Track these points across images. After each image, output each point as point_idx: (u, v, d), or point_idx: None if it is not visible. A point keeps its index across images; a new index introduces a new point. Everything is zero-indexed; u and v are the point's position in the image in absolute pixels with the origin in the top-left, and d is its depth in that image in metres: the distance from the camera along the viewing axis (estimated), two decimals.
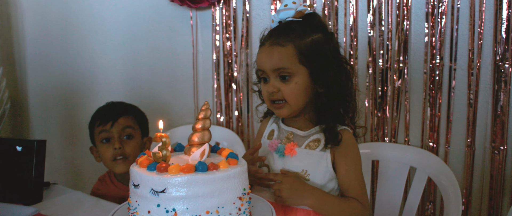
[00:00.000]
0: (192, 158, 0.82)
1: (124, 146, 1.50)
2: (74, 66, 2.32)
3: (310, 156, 1.16)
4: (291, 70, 1.11)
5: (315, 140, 1.17)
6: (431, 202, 1.59)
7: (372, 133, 1.66)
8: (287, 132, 1.22)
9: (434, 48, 1.53)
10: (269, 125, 1.30)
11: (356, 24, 1.64)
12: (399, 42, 1.57)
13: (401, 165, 1.54)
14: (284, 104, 1.14)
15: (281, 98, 1.14)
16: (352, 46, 1.65)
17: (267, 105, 1.21)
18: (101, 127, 1.52)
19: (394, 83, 1.60)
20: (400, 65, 1.58)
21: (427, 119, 1.57)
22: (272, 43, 1.13)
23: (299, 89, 1.12)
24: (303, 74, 1.12)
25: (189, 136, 0.89)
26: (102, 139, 1.52)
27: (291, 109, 1.15)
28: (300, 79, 1.12)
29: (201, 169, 0.78)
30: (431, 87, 1.55)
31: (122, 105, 1.63)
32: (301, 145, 1.18)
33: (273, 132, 1.26)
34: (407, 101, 1.60)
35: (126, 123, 1.53)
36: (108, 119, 1.52)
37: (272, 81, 1.14)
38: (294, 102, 1.14)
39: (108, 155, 1.51)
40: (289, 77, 1.12)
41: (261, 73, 1.17)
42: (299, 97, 1.13)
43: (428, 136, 1.58)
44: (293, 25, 1.14)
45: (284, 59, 1.11)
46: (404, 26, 1.56)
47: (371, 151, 1.60)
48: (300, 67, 1.12)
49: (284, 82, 1.13)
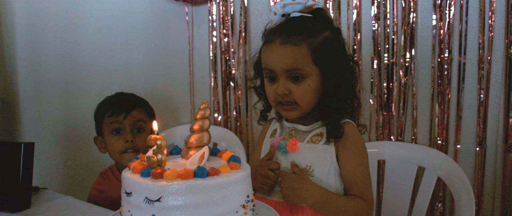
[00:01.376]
0: (190, 162, 0.74)
1: (135, 139, 1.46)
2: (66, 65, 2.24)
3: (313, 151, 1.10)
4: (305, 71, 1.05)
5: (318, 134, 1.11)
6: (440, 202, 1.52)
7: (377, 132, 1.58)
8: (289, 128, 1.16)
9: (442, 42, 1.46)
10: (272, 126, 1.24)
11: (359, 18, 1.56)
12: (405, 36, 1.50)
13: (409, 165, 1.47)
14: (295, 106, 1.08)
15: (292, 100, 1.07)
16: (355, 41, 1.57)
17: (272, 106, 1.14)
18: (113, 118, 1.47)
19: (400, 79, 1.53)
20: (406, 60, 1.51)
21: (436, 116, 1.50)
22: (284, 42, 1.05)
23: (312, 90, 1.07)
24: (316, 75, 1.07)
25: (187, 138, 0.81)
26: (113, 130, 1.47)
27: (302, 112, 1.09)
28: (313, 80, 1.06)
29: (200, 175, 0.70)
30: (440, 83, 1.48)
31: (134, 97, 1.58)
32: (304, 140, 1.12)
33: (275, 131, 1.21)
34: (414, 98, 1.53)
35: (139, 116, 1.49)
36: (121, 110, 1.47)
37: (283, 82, 1.07)
38: (306, 105, 1.08)
39: (118, 147, 1.46)
40: (301, 78, 1.06)
41: (268, 72, 1.10)
42: (310, 99, 1.08)
43: (437, 134, 1.51)
44: (305, 22, 1.06)
45: (299, 60, 1.04)
46: (410, 19, 1.49)
47: (377, 150, 1.53)
48: (313, 68, 1.06)
49: (295, 83, 1.06)
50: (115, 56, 2.10)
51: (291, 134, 1.14)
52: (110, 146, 1.48)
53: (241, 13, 1.76)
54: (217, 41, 1.84)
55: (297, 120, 1.15)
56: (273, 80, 1.09)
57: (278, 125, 1.21)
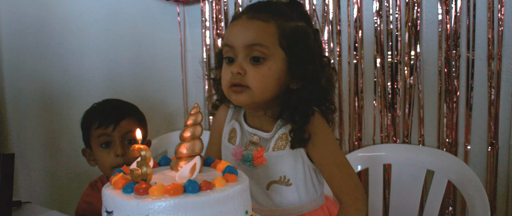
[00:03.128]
0: (180, 175, 0.65)
1: (127, 152, 1.33)
2: (53, 71, 2.17)
3: (282, 159, 1.00)
4: (268, 51, 0.93)
5: (282, 137, 1.00)
6: (451, 206, 1.44)
7: (382, 134, 1.50)
8: (251, 134, 1.04)
9: (449, 37, 1.38)
10: (228, 121, 1.11)
11: (361, 14, 1.48)
12: (410, 32, 1.42)
13: (417, 168, 1.39)
14: (245, 89, 0.94)
15: (245, 84, 0.94)
16: (357, 39, 1.49)
17: (224, 91, 1.00)
18: (101, 130, 1.34)
19: (405, 77, 1.45)
20: (411, 57, 1.43)
21: (444, 116, 1.42)
22: (251, 17, 0.95)
23: (271, 76, 0.94)
24: (279, 60, 0.94)
25: (176, 147, 0.72)
26: (102, 143, 1.35)
27: (252, 98, 0.95)
28: (275, 64, 0.94)
29: (191, 190, 0.61)
30: (447, 81, 1.40)
31: (122, 105, 1.45)
32: (268, 148, 1.00)
33: (235, 133, 1.07)
34: (420, 97, 1.44)
35: (129, 127, 1.35)
36: (109, 121, 1.34)
37: (240, 61, 0.94)
38: (260, 91, 0.94)
39: (108, 161, 1.34)
40: (262, 60, 0.93)
41: (227, 51, 0.97)
42: (267, 85, 0.94)
43: (445, 135, 1.42)
44: (277, 5, 0.98)
45: (263, 35, 0.93)
46: (415, 14, 1.40)
47: (382, 153, 1.45)
48: (278, 50, 0.94)
49: (255, 65, 0.93)
50: (103, 60, 2.02)
51: (253, 142, 1.03)
52: (100, 160, 1.36)
53: (235, 13, 1.68)
54: (210, 42, 1.76)
55: (258, 123, 1.04)
56: (231, 62, 0.96)
57: (238, 126, 1.07)
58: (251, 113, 1.06)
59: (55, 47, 2.15)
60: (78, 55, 2.08)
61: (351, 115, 1.52)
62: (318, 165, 1.01)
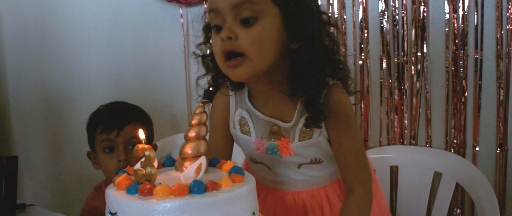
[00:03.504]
0: (185, 175, 0.63)
1: (130, 158, 1.31)
2: (57, 73, 2.16)
3: (311, 147, 0.93)
4: (259, 7, 0.80)
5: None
6: (458, 208, 1.41)
7: (388, 135, 1.48)
8: (269, 123, 0.94)
9: (457, 37, 1.36)
10: (233, 110, 0.99)
11: (366, 14, 1.46)
12: (416, 32, 1.40)
13: (424, 170, 1.37)
14: (242, 60, 0.82)
15: (239, 51, 0.81)
16: (362, 39, 1.47)
17: (220, 67, 0.88)
18: (105, 134, 1.32)
19: (411, 78, 1.43)
20: (418, 57, 1.41)
21: (451, 117, 1.40)
22: None
23: (267, 37, 0.81)
24: (274, 17, 0.81)
25: (181, 147, 0.71)
26: (105, 148, 1.33)
27: (253, 68, 0.82)
28: (270, 23, 0.81)
29: (197, 191, 0.59)
30: (455, 81, 1.38)
31: (128, 109, 1.43)
32: (294, 139, 0.92)
33: (245, 122, 0.97)
34: (428, 98, 1.42)
35: (133, 132, 1.33)
36: (113, 126, 1.32)
37: (229, 24, 0.81)
38: (258, 56, 0.81)
39: (112, 167, 1.32)
40: (253, 20, 0.80)
41: (213, 17, 0.84)
42: (265, 48, 0.82)
43: (453, 136, 1.40)
44: None
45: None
46: (421, 13, 1.39)
47: (388, 155, 1.43)
48: (270, 6, 0.81)
49: (246, 27, 0.81)
50: (106, 62, 2.01)
51: (274, 132, 0.93)
52: (104, 165, 1.35)
53: None
54: None
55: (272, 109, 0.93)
56: (219, 29, 0.83)
57: (246, 113, 0.96)
58: (261, 96, 0.94)
59: (58, 50, 2.14)
60: (81, 58, 2.07)
61: (357, 116, 1.50)
62: (333, 148, 0.92)
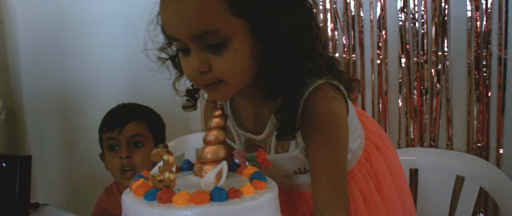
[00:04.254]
0: (205, 182, 0.60)
1: (132, 155, 1.32)
2: (71, 72, 2.16)
3: (290, 160, 0.83)
4: (223, 31, 0.68)
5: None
6: (482, 212, 1.37)
7: (407, 137, 1.44)
8: (244, 137, 0.86)
9: (479, 35, 1.32)
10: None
11: (384, 12, 1.42)
12: (437, 30, 1.36)
13: (445, 174, 1.32)
14: (220, 85, 0.73)
15: (215, 81, 0.72)
16: (380, 38, 1.43)
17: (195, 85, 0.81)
18: (108, 133, 1.34)
19: (432, 78, 1.39)
20: (438, 56, 1.37)
21: (474, 119, 1.36)
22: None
23: (242, 58, 0.71)
24: (242, 32, 0.70)
25: (200, 151, 0.68)
26: (109, 147, 1.35)
27: (231, 90, 0.74)
28: (240, 42, 0.70)
29: (218, 198, 0.56)
30: (477, 81, 1.34)
31: (133, 108, 1.44)
32: (270, 151, 0.83)
33: (229, 128, 0.88)
34: (449, 99, 1.38)
35: (136, 130, 1.34)
36: (115, 125, 1.34)
37: (197, 55, 0.70)
38: (237, 81, 0.73)
39: (116, 165, 1.33)
40: (222, 45, 0.69)
41: (175, 42, 0.75)
42: (243, 71, 0.72)
43: (476, 138, 1.36)
44: None
45: (207, 16, 0.67)
46: (442, 10, 1.35)
47: (408, 158, 1.38)
48: (235, 23, 0.69)
49: (215, 53, 0.70)
50: (119, 62, 2.00)
51: (250, 143, 0.86)
52: (109, 164, 1.36)
53: None
54: None
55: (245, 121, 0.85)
56: (187, 52, 0.73)
57: (229, 120, 0.88)
58: (238, 104, 0.87)
59: (72, 49, 2.13)
60: (95, 57, 2.07)
61: (375, 117, 1.47)
62: (309, 162, 0.80)
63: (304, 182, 0.90)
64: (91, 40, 2.06)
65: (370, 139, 0.96)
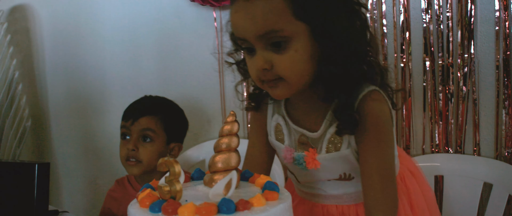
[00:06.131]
0: (213, 192, 0.58)
1: (139, 149, 1.35)
2: (95, 79, 2.18)
3: (339, 160, 0.87)
4: (286, 32, 0.76)
5: (334, 136, 0.86)
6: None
7: (432, 143, 1.39)
8: (298, 132, 0.90)
9: (508, 36, 1.26)
10: (270, 116, 0.97)
11: (408, 14, 1.38)
12: (462, 32, 1.31)
13: (472, 181, 1.27)
14: (280, 82, 0.80)
15: (276, 77, 0.79)
16: (404, 40, 1.39)
17: (257, 84, 0.87)
18: (123, 122, 1.40)
19: (458, 81, 1.33)
20: (464, 59, 1.31)
21: (502, 124, 1.30)
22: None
23: (302, 58, 0.78)
24: (303, 34, 0.77)
25: (210, 159, 0.66)
26: (121, 134, 1.40)
27: (291, 88, 0.81)
28: (301, 43, 0.77)
29: (226, 210, 0.54)
30: (506, 84, 1.28)
31: (151, 102, 1.48)
32: (321, 150, 0.87)
33: (280, 129, 0.93)
34: (476, 103, 1.32)
35: (147, 125, 1.37)
36: (130, 115, 1.39)
37: (261, 53, 0.78)
38: (296, 79, 0.79)
39: (122, 153, 1.39)
40: (284, 43, 0.77)
41: (241, 42, 0.82)
42: (302, 71, 0.79)
43: (504, 144, 1.30)
44: None
45: (272, 18, 0.75)
46: (468, 11, 1.29)
47: (433, 164, 1.34)
48: (297, 25, 0.76)
49: (278, 52, 0.78)
50: (142, 68, 2.01)
51: (302, 142, 0.90)
52: (120, 151, 1.41)
53: None
54: None
55: (300, 120, 0.89)
56: (251, 52, 0.81)
57: (281, 120, 0.93)
58: (295, 103, 0.92)
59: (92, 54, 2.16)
60: (115, 61, 2.08)
61: (399, 122, 1.42)
62: (360, 164, 0.85)
63: (332, 195, 0.93)
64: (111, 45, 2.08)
65: (404, 164, 1.01)
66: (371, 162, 0.83)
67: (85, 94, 2.22)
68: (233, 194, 0.58)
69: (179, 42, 1.88)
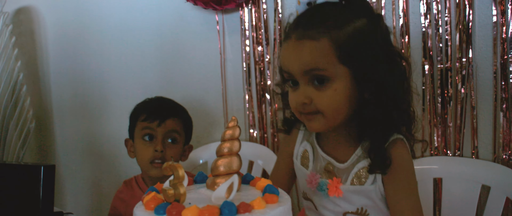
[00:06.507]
0: (216, 195, 0.60)
1: (166, 150, 1.36)
2: (98, 81, 2.20)
3: (361, 194, 0.93)
4: (329, 72, 0.84)
5: (362, 170, 0.92)
6: None
7: (431, 146, 1.41)
8: (325, 160, 0.97)
9: (505, 41, 1.28)
10: (299, 142, 1.05)
11: (407, 18, 1.40)
12: (461, 36, 1.33)
13: (470, 183, 1.29)
14: (318, 116, 0.88)
15: (315, 110, 0.88)
16: (403, 44, 1.41)
17: (296, 115, 0.95)
18: (147, 123, 1.37)
19: (456, 85, 1.35)
20: (463, 63, 1.33)
21: (500, 127, 1.31)
22: (300, 36, 0.85)
23: (340, 98, 0.86)
24: (344, 77, 0.85)
25: (212, 163, 0.68)
26: (144, 135, 1.38)
27: (326, 124, 0.89)
28: (341, 84, 0.85)
29: (227, 213, 0.56)
30: (504, 88, 1.29)
31: (172, 104, 1.49)
32: (346, 181, 0.93)
33: (307, 155, 1.01)
34: (474, 106, 1.34)
35: (174, 127, 1.39)
36: (156, 116, 1.37)
37: (303, 88, 0.87)
38: (332, 115, 0.87)
39: (147, 155, 1.36)
40: (326, 81, 0.85)
41: (288, 76, 0.90)
42: (339, 109, 0.87)
43: (502, 147, 1.32)
44: (328, 10, 0.87)
45: (318, 58, 0.84)
46: (466, 16, 1.31)
47: (432, 167, 1.36)
48: (340, 68, 0.84)
49: (318, 89, 0.86)
50: (141, 69, 2.03)
51: (328, 170, 0.96)
52: (139, 152, 1.39)
53: (275, 20, 1.63)
54: (250, 50, 1.72)
55: (331, 147, 0.97)
56: (295, 85, 0.90)
57: (309, 147, 1.01)
58: (325, 133, 0.99)
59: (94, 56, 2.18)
60: (117, 65, 2.10)
61: None
62: (390, 203, 0.93)
63: None
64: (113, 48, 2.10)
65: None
66: (402, 203, 0.91)
67: (89, 96, 2.24)
68: (235, 197, 0.60)
69: (182, 45, 1.90)
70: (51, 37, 2.35)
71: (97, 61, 2.18)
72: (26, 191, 1.23)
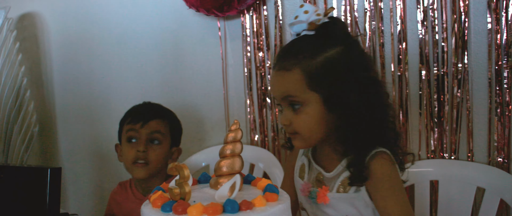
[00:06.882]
0: (219, 194, 0.64)
1: (148, 151, 1.40)
2: (101, 86, 2.23)
3: (345, 201, 1.00)
4: (300, 98, 0.96)
5: (346, 179, 0.99)
6: None
7: (428, 149, 1.44)
8: (317, 172, 1.06)
9: (500, 47, 1.31)
10: (299, 156, 1.14)
11: (404, 25, 1.44)
12: (457, 42, 1.36)
13: (466, 186, 1.32)
14: (297, 136, 1.00)
15: (293, 131, 1.00)
16: (400, 51, 1.45)
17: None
18: (131, 125, 1.43)
19: (452, 90, 1.39)
20: (458, 69, 1.37)
21: (495, 130, 1.35)
22: (279, 68, 0.98)
23: (313, 120, 0.96)
24: (315, 102, 0.95)
25: (216, 164, 0.72)
26: (128, 138, 1.43)
27: (305, 142, 1.00)
28: (313, 108, 0.96)
29: (230, 210, 0.60)
30: (498, 93, 1.33)
31: (157, 107, 1.53)
32: (332, 188, 1.01)
33: (304, 168, 1.10)
34: (469, 110, 1.38)
35: (157, 128, 1.43)
36: (139, 118, 1.43)
37: (285, 112, 1.00)
38: (308, 136, 0.99)
39: (130, 156, 1.41)
40: (299, 107, 0.97)
41: (274, 100, 1.06)
42: (313, 130, 0.98)
43: (497, 150, 1.35)
44: (301, 43, 0.97)
45: (290, 86, 0.96)
46: (462, 23, 1.35)
47: (428, 169, 1.39)
48: (310, 94, 0.95)
49: (296, 113, 0.98)
50: (144, 75, 2.05)
51: (319, 179, 1.04)
52: (124, 154, 1.44)
53: (275, 26, 1.67)
54: (251, 56, 1.75)
55: (322, 160, 1.06)
56: (281, 108, 1.03)
57: (306, 161, 1.10)
58: (319, 149, 1.08)
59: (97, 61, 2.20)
60: (120, 70, 2.12)
61: None
62: (379, 210, 0.98)
63: None
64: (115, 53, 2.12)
65: None
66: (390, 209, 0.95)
67: (92, 101, 2.27)
68: (237, 196, 0.64)
69: (184, 51, 1.93)
70: (54, 42, 2.38)
71: (100, 66, 2.20)
72: (33, 193, 1.26)
